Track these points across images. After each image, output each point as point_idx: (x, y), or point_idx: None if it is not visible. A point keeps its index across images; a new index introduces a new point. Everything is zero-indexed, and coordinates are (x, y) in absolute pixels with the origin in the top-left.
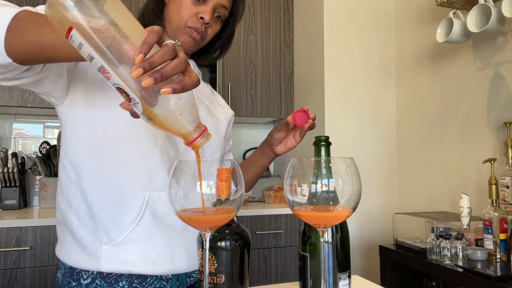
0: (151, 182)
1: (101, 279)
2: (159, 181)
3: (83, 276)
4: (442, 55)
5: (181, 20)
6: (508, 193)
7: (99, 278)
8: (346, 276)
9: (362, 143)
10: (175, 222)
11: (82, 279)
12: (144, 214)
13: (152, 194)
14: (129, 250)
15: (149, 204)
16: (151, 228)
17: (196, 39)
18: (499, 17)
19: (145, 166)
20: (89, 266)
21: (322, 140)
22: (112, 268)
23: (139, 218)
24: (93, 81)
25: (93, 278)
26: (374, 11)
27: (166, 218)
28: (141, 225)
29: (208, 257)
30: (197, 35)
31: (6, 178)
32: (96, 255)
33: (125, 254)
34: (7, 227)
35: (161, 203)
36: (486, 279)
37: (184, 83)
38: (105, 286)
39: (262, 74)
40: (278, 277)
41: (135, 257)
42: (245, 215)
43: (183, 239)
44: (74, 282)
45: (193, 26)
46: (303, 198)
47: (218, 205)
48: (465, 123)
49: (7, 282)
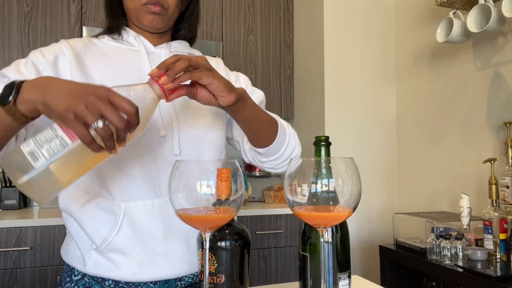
0: (126, 192)
1: (90, 278)
2: (135, 191)
3: (75, 272)
4: (442, 55)
5: (135, 2)
6: (508, 193)
7: (88, 276)
8: (346, 276)
9: (362, 143)
10: (155, 230)
11: (74, 275)
12: (122, 224)
13: (129, 204)
14: (112, 259)
15: (126, 215)
16: (130, 239)
17: (157, 11)
18: (499, 17)
19: (118, 177)
20: (78, 266)
21: (322, 140)
22: (97, 273)
23: (117, 229)
24: None
25: (83, 276)
26: (374, 11)
27: (145, 227)
28: (120, 236)
29: (208, 257)
30: (155, 7)
31: (6, 178)
32: (84, 258)
33: (108, 262)
34: (7, 227)
35: (138, 212)
36: (486, 279)
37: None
38: (93, 284)
39: (262, 74)
40: (278, 277)
41: (117, 266)
42: (245, 215)
43: (165, 247)
44: (68, 278)
45: (147, 1)
46: (303, 198)
47: (218, 205)
48: (465, 123)
49: (7, 282)
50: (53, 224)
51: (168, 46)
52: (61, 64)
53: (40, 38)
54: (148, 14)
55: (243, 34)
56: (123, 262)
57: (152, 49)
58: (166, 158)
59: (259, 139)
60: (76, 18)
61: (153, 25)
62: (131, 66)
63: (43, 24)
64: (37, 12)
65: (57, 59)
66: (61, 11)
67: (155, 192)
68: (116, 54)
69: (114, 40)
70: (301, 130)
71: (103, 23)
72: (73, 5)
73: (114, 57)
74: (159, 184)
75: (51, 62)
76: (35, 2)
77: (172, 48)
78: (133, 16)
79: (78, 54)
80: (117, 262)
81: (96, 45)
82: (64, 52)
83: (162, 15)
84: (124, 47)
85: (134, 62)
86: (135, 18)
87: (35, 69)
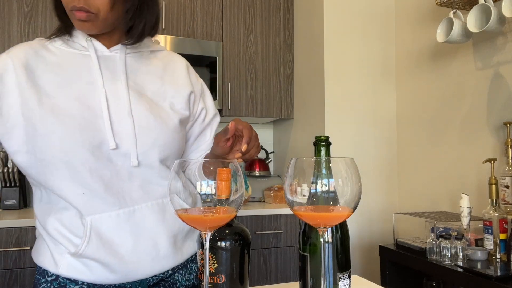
0: (91, 206)
1: (64, 278)
2: (98, 203)
3: (48, 273)
4: (442, 55)
5: (65, 6)
6: (508, 193)
7: (61, 276)
8: (346, 276)
9: (362, 143)
10: (124, 240)
11: (47, 276)
12: (91, 237)
13: (94, 217)
14: (86, 263)
15: (93, 227)
16: (100, 250)
17: (82, 18)
18: (499, 17)
19: (80, 192)
20: (50, 268)
21: (322, 140)
22: (70, 275)
23: (86, 240)
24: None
25: (57, 276)
26: (374, 11)
27: (113, 238)
28: (90, 247)
29: (208, 257)
30: (80, 14)
31: (6, 178)
32: (56, 261)
33: (82, 266)
34: (7, 227)
35: (105, 224)
36: (486, 279)
37: None
38: (67, 282)
39: (262, 74)
40: (278, 277)
41: (91, 270)
42: (245, 215)
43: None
44: (42, 279)
45: (71, 6)
46: (303, 198)
47: (218, 205)
48: (465, 123)
49: (7, 282)
50: None
51: (123, 48)
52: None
53: None
54: (76, 20)
55: (243, 34)
56: (97, 267)
57: (106, 52)
58: (126, 169)
59: None
60: None
61: (84, 31)
62: (81, 74)
63: (43, 24)
64: (37, 12)
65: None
66: None
67: (120, 203)
68: (67, 61)
69: (65, 43)
70: (301, 130)
71: None
72: None
73: (66, 65)
74: (123, 194)
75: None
76: (35, 2)
77: (128, 50)
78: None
79: (27, 66)
80: (91, 267)
81: (49, 50)
82: (9, 69)
83: (92, 21)
84: (75, 52)
85: (85, 70)
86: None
87: None
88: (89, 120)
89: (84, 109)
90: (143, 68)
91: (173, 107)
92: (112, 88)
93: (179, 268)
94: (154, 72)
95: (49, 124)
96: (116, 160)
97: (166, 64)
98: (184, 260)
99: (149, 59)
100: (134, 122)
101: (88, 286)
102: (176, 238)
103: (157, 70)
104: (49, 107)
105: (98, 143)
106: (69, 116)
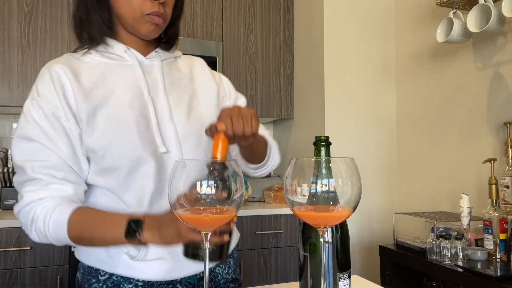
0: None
1: (118, 276)
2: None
3: (101, 273)
4: (442, 55)
5: (135, 10)
6: (508, 193)
7: (116, 275)
8: (346, 276)
9: (362, 143)
10: None
11: (100, 276)
12: None
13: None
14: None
15: None
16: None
17: (159, 24)
18: (499, 17)
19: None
20: (106, 268)
21: (322, 140)
22: (126, 274)
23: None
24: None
25: (110, 275)
26: (374, 11)
27: None
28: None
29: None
30: (158, 19)
31: (6, 178)
32: (114, 259)
33: (138, 264)
34: (7, 227)
35: None
36: (486, 279)
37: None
38: (121, 281)
39: (262, 74)
40: (278, 277)
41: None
42: (245, 215)
43: None
44: (93, 279)
45: (151, 12)
46: (303, 198)
47: (218, 205)
48: (465, 123)
49: (7, 282)
50: None
51: (158, 55)
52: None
53: (40, 38)
54: (150, 24)
55: (243, 34)
56: (155, 267)
57: (145, 61)
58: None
59: (255, 157)
60: None
61: (151, 35)
62: (126, 83)
63: (43, 24)
64: (37, 12)
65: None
66: (61, 11)
67: None
68: (108, 71)
69: (100, 54)
70: (301, 130)
71: None
72: (73, 5)
73: (108, 75)
74: None
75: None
76: (35, 2)
77: (161, 57)
78: (129, 24)
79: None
80: (150, 267)
81: (84, 62)
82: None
83: (161, 27)
84: (111, 62)
85: (128, 78)
86: (130, 26)
87: (57, 121)
88: (143, 126)
89: (136, 114)
90: (176, 74)
91: (207, 106)
92: (153, 95)
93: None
94: (185, 76)
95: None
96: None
97: (191, 68)
98: None
99: (177, 65)
100: (176, 127)
101: (142, 285)
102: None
103: (186, 75)
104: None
105: (154, 148)
106: (124, 123)
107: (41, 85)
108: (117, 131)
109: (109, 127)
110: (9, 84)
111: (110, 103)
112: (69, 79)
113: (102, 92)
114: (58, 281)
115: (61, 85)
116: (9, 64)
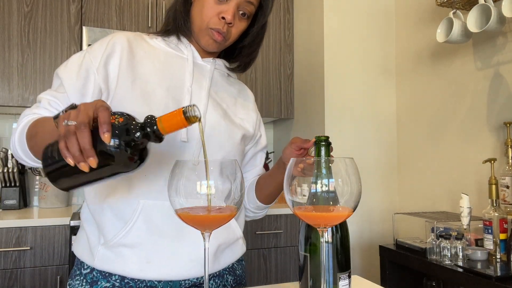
0: (148, 190)
1: (97, 272)
2: (156, 190)
3: (84, 266)
4: (442, 55)
5: (203, 22)
6: (508, 193)
7: (96, 270)
8: (346, 276)
9: (362, 143)
10: (168, 231)
11: (83, 269)
12: (137, 221)
13: (148, 202)
14: (120, 254)
15: (142, 212)
16: (142, 236)
17: (218, 40)
18: (499, 17)
19: (143, 174)
20: (87, 260)
21: (322, 140)
22: (104, 267)
23: (131, 224)
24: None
25: (91, 269)
26: (374, 11)
27: (159, 227)
28: (133, 232)
29: (206, 257)
30: (218, 36)
31: (6, 178)
32: (93, 253)
33: (116, 257)
34: (7, 227)
35: (155, 211)
36: (486, 279)
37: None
38: (100, 278)
39: (262, 74)
40: (278, 277)
41: (124, 261)
42: None
43: (175, 249)
44: (78, 271)
45: (214, 27)
46: (303, 198)
47: (218, 205)
48: (465, 123)
49: (7, 282)
50: (53, 224)
51: (214, 62)
52: (111, 65)
53: (40, 38)
54: (209, 38)
55: None
56: (131, 257)
57: (199, 60)
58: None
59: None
60: (76, 18)
61: (208, 48)
62: (175, 72)
63: (43, 24)
64: (37, 12)
65: (109, 59)
66: (61, 11)
67: None
68: (164, 56)
69: (164, 42)
70: (301, 130)
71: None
72: (73, 5)
73: (162, 59)
74: None
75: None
76: (35, 2)
77: (216, 65)
78: (195, 30)
79: (132, 50)
80: (125, 256)
81: (147, 42)
82: (118, 50)
83: (220, 44)
84: (172, 51)
85: (179, 69)
86: (195, 33)
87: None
88: (171, 108)
89: (169, 98)
90: (224, 85)
91: (242, 123)
92: (196, 90)
93: (214, 276)
94: (231, 91)
95: (137, 106)
96: (183, 154)
97: (239, 90)
98: (220, 269)
99: (228, 80)
100: (206, 124)
101: (120, 283)
102: (219, 247)
103: (233, 91)
104: (140, 90)
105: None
106: (154, 101)
107: (98, 43)
108: (144, 107)
109: (140, 100)
110: (9, 84)
111: (150, 80)
112: (122, 47)
113: (148, 68)
114: (58, 281)
115: (112, 50)
116: (9, 64)
